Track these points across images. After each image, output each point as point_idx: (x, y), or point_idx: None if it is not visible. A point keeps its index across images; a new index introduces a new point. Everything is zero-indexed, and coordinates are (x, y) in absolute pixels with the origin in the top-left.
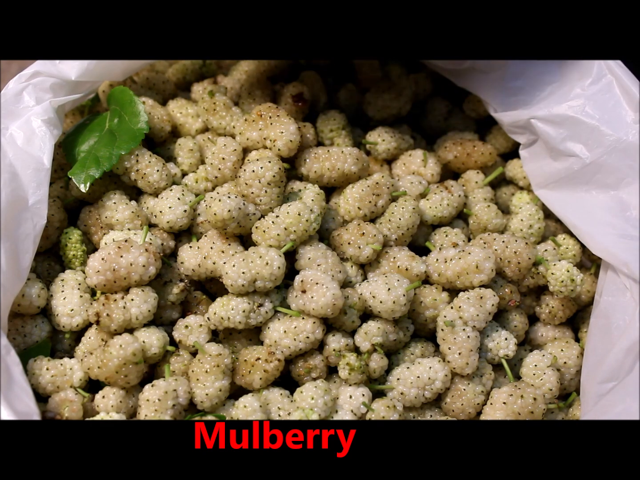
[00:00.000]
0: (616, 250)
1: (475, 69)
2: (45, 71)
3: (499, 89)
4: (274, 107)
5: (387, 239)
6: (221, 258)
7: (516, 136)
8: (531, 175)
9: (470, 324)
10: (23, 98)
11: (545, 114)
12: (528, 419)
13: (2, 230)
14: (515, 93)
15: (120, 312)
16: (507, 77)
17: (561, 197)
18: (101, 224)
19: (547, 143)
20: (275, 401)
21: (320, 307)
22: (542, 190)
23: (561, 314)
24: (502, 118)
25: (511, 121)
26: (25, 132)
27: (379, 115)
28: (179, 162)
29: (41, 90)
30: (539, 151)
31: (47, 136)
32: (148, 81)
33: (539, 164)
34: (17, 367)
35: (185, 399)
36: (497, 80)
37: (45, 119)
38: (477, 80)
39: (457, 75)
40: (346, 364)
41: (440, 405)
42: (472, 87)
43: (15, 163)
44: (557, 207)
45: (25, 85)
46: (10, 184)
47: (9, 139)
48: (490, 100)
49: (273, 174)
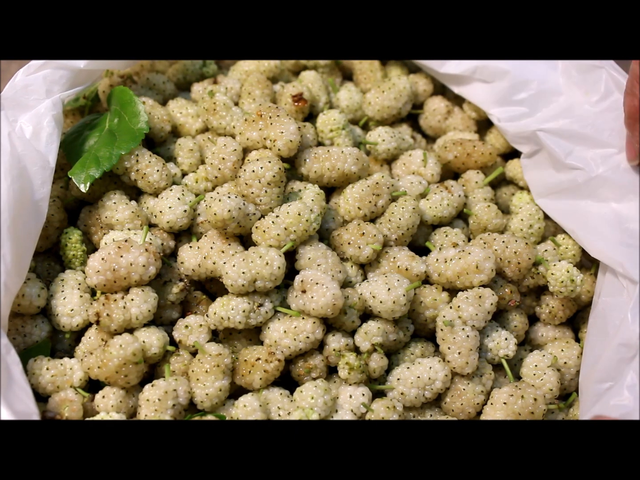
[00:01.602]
0: (612, 253)
1: (477, 78)
2: (54, 62)
3: (502, 101)
4: (274, 107)
5: (387, 239)
6: (221, 258)
7: (519, 145)
8: (532, 184)
9: (469, 324)
10: (33, 89)
11: (552, 127)
12: (528, 419)
13: (8, 227)
14: (520, 104)
15: (120, 312)
16: (510, 87)
17: (562, 207)
18: (101, 224)
19: (552, 155)
20: (275, 401)
21: (320, 307)
22: (543, 200)
23: (561, 314)
24: (506, 128)
25: (516, 132)
26: (35, 126)
27: (379, 115)
28: (179, 162)
29: (51, 82)
30: (541, 161)
31: (55, 133)
32: (148, 81)
33: (542, 173)
34: (17, 366)
35: (185, 399)
36: (500, 92)
37: (55, 114)
38: (479, 90)
39: (458, 83)
40: (345, 363)
41: (440, 405)
42: (474, 97)
43: (23, 158)
44: (557, 215)
45: (35, 76)
46: (19, 181)
47: (18, 132)
48: (493, 112)
49: (273, 174)
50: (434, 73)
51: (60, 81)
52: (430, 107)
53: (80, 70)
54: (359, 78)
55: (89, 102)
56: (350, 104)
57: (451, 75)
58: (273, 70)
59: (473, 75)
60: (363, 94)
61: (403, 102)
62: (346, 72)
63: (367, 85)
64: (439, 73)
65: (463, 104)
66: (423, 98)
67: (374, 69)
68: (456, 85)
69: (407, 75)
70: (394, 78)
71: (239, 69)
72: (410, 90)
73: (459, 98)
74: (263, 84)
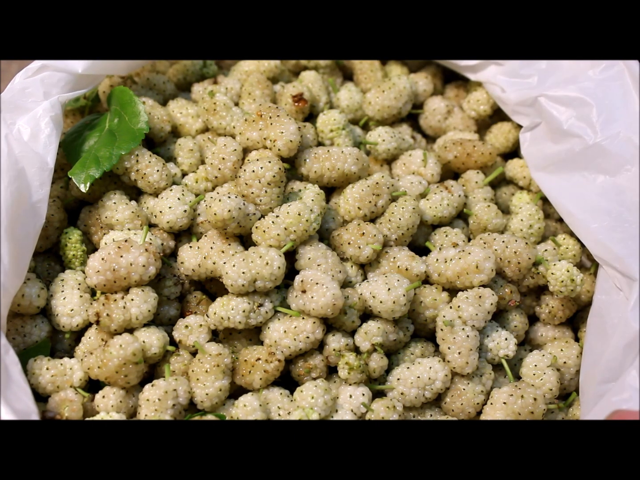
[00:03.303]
0: (611, 244)
1: (489, 61)
2: (52, 65)
3: (511, 73)
4: (274, 107)
5: (387, 239)
6: (221, 258)
7: (519, 117)
8: (530, 157)
9: (469, 324)
10: (31, 92)
11: (554, 94)
12: (528, 419)
13: (6, 229)
14: (527, 77)
15: (120, 312)
16: (520, 65)
17: (558, 180)
18: (101, 224)
19: (551, 124)
20: (275, 401)
21: (320, 307)
22: (539, 173)
23: (561, 314)
24: (509, 97)
25: (519, 99)
26: (33, 128)
27: (379, 115)
28: (179, 162)
29: (49, 85)
30: (540, 135)
31: (54, 134)
32: (148, 81)
33: (539, 147)
34: (16, 366)
35: (185, 399)
36: (510, 67)
37: (53, 115)
38: (488, 68)
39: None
40: (345, 363)
41: (440, 405)
42: (483, 76)
43: (21, 160)
44: (554, 192)
45: (33, 79)
46: (16, 182)
47: (16, 134)
48: (499, 81)
49: (273, 174)
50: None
51: (58, 84)
52: (430, 107)
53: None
54: (359, 78)
55: (89, 102)
56: (350, 104)
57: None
58: (273, 70)
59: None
60: (363, 93)
61: (403, 102)
62: (346, 72)
63: (367, 85)
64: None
65: (463, 104)
66: (423, 98)
67: (374, 69)
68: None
69: (407, 75)
70: (394, 78)
71: (239, 69)
72: (410, 90)
73: (459, 98)
74: (263, 84)
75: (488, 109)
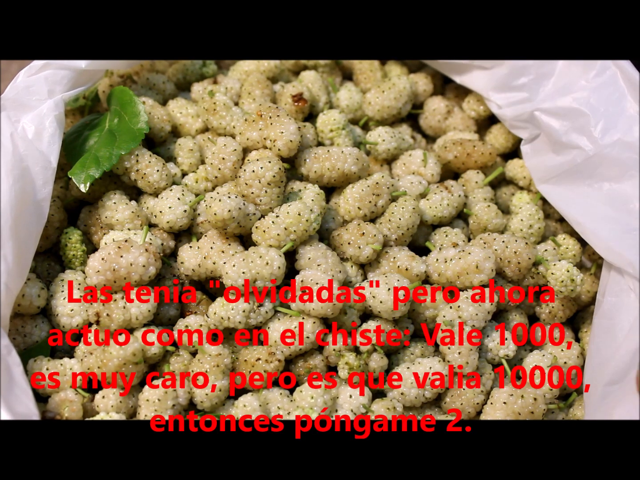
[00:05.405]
0: (620, 249)
1: (476, 65)
2: (55, 62)
3: (502, 87)
4: (274, 107)
5: (387, 239)
6: (221, 258)
7: (518, 131)
8: (533, 170)
9: (469, 324)
10: (34, 90)
11: (549, 107)
12: (528, 419)
13: (10, 227)
14: (519, 89)
15: (120, 312)
16: (509, 73)
17: (563, 192)
18: (101, 224)
19: (550, 136)
20: (275, 400)
21: (321, 307)
22: (544, 186)
23: (561, 314)
24: (505, 113)
25: (515, 115)
26: (37, 126)
27: (379, 115)
28: (179, 162)
29: (53, 83)
30: (541, 146)
31: (57, 134)
32: (148, 81)
33: (541, 158)
34: (18, 367)
35: (185, 399)
36: (500, 78)
37: (57, 114)
38: (478, 77)
39: (457, 72)
40: (345, 363)
41: (440, 405)
42: (473, 84)
43: (25, 159)
44: (560, 203)
45: (36, 77)
46: (20, 181)
47: (20, 132)
48: (493, 98)
49: (273, 174)
50: (433, 63)
51: (62, 82)
52: (430, 107)
53: (82, 70)
54: (359, 78)
55: (89, 102)
56: (350, 103)
57: (451, 64)
58: (273, 70)
59: (472, 62)
60: (363, 93)
61: (403, 102)
62: (346, 72)
63: (367, 85)
64: (439, 63)
65: (463, 104)
66: (423, 98)
67: (374, 69)
68: (457, 75)
69: (407, 75)
70: (394, 78)
71: (239, 69)
72: (410, 90)
73: (459, 98)
74: (263, 84)
75: (488, 109)
